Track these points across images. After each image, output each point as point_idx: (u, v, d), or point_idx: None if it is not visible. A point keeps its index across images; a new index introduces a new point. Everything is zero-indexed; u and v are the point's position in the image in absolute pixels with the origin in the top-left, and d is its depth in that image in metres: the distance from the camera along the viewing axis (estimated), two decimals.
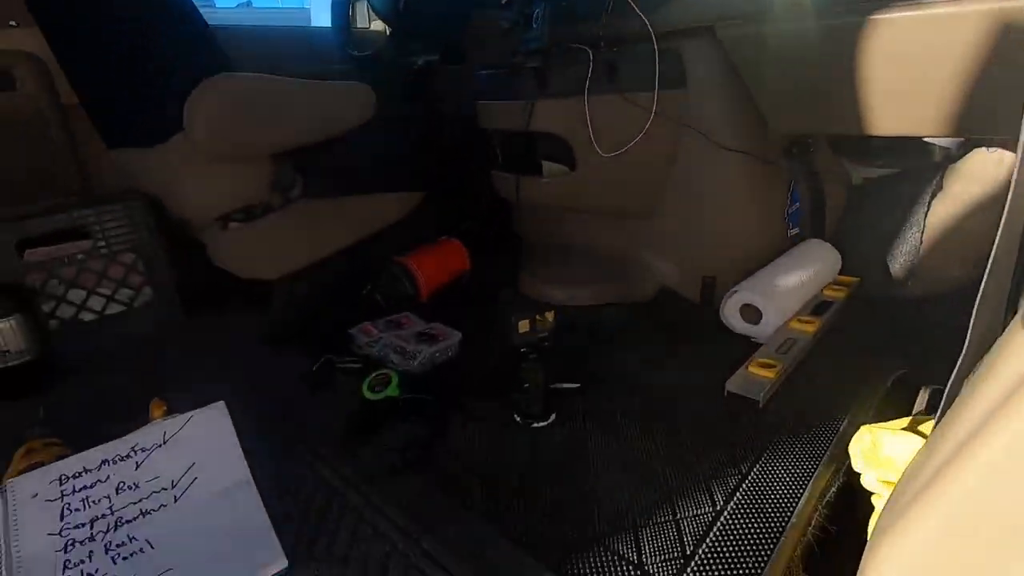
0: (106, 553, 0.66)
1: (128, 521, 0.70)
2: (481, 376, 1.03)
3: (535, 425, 0.88)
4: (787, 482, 0.73)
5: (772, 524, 0.67)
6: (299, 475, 0.80)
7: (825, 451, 0.78)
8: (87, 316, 1.25)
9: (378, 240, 1.49)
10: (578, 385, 0.99)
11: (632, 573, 0.62)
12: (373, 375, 0.98)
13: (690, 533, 0.66)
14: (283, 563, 0.64)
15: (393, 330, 1.16)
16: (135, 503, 0.72)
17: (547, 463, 0.80)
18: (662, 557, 0.63)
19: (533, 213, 1.52)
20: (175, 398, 0.89)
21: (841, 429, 0.83)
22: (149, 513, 0.71)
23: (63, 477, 0.72)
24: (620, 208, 1.36)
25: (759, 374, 0.96)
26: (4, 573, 0.64)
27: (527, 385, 0.88)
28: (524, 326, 0.87)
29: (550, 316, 0.87)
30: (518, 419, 0.90)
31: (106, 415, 1.00)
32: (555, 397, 0.92)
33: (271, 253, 1.31)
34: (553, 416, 0.90)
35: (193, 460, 0.77)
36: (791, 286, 1.18)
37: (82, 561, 0.65)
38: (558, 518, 0.70)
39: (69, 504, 0.70)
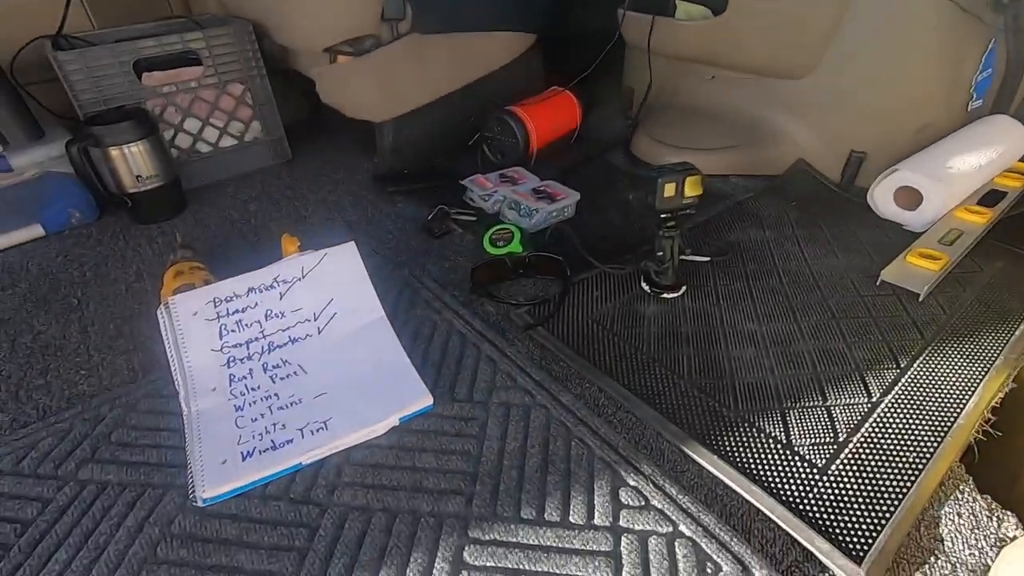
0: (264, 372, 0.71)
1: (279, 346, 0.74)
2: (604, 239, 0.98)
3: (665, 296, 0.85)
4: (952, 382, 0.68)
5: (935, 423, 0.63)
6: (429, 322, 0.81)
7: (996, 355, 0.71)
8: (203, 147, 1.26)
9: (486, 86, 1.38)
10: (708, 258, 0.93)
11: (782, 452, 0.61)
12: (494, 229, 0.95)
13: (843, 421, 0.63)
14: (428, 400, 0.67)
15: (507, 184, 1.11)
16: (283, 330, 0.76)
17: (681, 335, 0.78)
18: (813, 441, 0.61)
19: (656, 63, 1.35)
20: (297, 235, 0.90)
21: (1017, 333, 0.75)
22: (297, 341, 0.75)
23: (216, 300, 0.76)
24: (771, 65, 1.18)
25: (920, 265, 0.86)
26: (179, 380, 0.70)
27: (661, 254, 0.83)
28: (670, 190, 0.79)
29: (699, 182, 0.79)
30: (647, 288, 0.86)
31: (234, 245, 1.04)
32: (683, 268, 0.87)
33: (381, 92, 1.23)
34: (684, 288, 0.86)
35: (331, 296, 0.79)
36: (965, 171, 1.02)
37: (245, 376, 0.70)
38: (698, 389, 0.69)
39: (225, 325, 0.74)
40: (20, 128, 1.16)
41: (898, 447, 0.60)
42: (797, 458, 0.60)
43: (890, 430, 0.62)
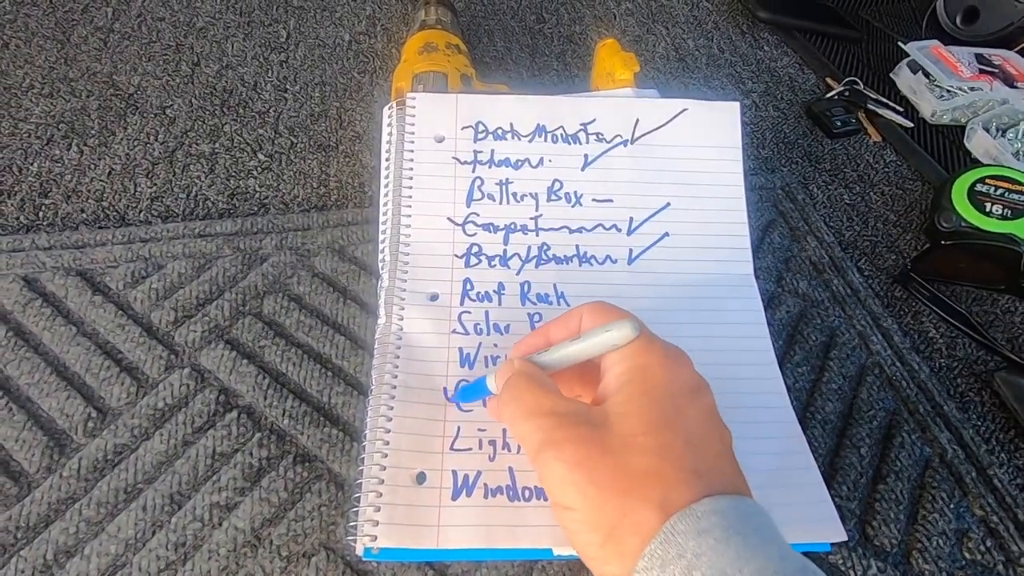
0: (522, 301, 0.39)
1: (556, 259, 0.41)
2: None
3: None
4: None
5: None
6: (818, 319, 0.42)
7: None
8: None
9: None
10: None
11: None
12: (986, 174, 0.48)
13: None
14: (834, 535, 0.30)
15: (994, 79, 0.59)
16: (571, 231, 0.41)
17: None
18: None
19: None
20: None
21: None
22: (588, 261, 0.41)
23: (480, 126, 0.42)
24: None
25: None
26: (384, 252, 0.40)
27: None
28: None
29: None
30: None
31: (506, 27, 0.66)
32: None
33: None
34: None
35: (668, 198, 0.42)
36: None
37: (487, 294, 0.39)
38: None
39: (481, 181, 0.41)
40: None
41: None
42: None
43: None
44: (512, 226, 0.40)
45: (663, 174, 0.42)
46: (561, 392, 0.27)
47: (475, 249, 0.40)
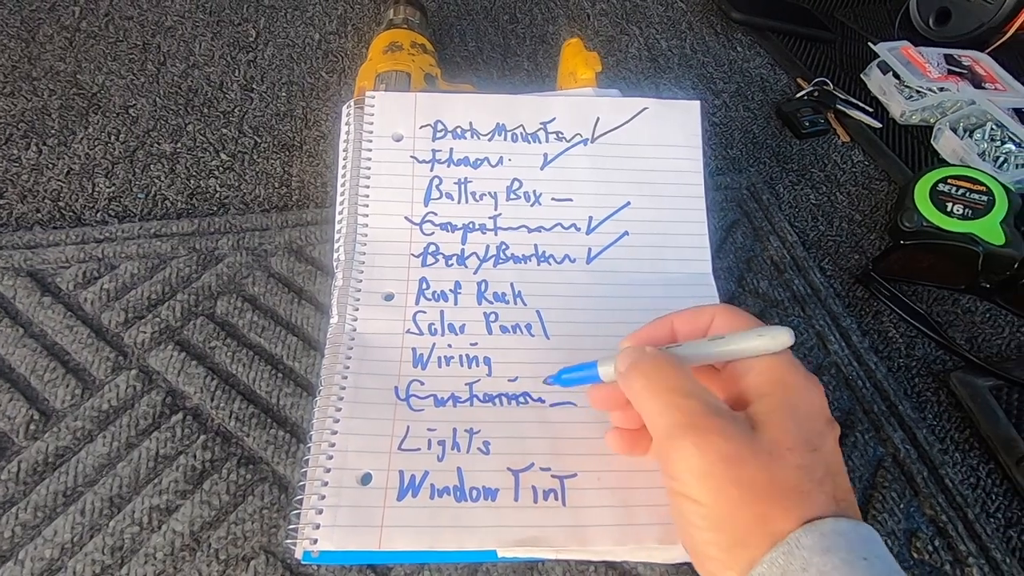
0: (479, 300, 0.39)
1: (515, 258, 0.40)
2: None
3: None
4: None
5: None
6: (778, 317, 0.42)
7: None
8: None
9: None
10: None
11: None
12: (948, 174, 0.48)
13: None
14: None
15: (962, 80, 0.60)
16: (530, 230, 0.41)
17: None
18: None
19: None
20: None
21: None
22: (546, 260, 0.40)
23: (440, 125, 0.42)
24: None
25: None
26: (340, 251, 0.39)
27: None
28: None
29: None
30: None
31: (478, 28, 0.66)
32: None
33: None
34: None
35: (628, 196, 0.42)
36: None
37: (444, 294, 0.38)
38: None
39: (440, 180, 0.41)
40: None
41: None
42: None
43: None
44: (470, 225, 0.40)
45: (623, 173, 0.42)
46: None
47: (432, 248, 0.39)
